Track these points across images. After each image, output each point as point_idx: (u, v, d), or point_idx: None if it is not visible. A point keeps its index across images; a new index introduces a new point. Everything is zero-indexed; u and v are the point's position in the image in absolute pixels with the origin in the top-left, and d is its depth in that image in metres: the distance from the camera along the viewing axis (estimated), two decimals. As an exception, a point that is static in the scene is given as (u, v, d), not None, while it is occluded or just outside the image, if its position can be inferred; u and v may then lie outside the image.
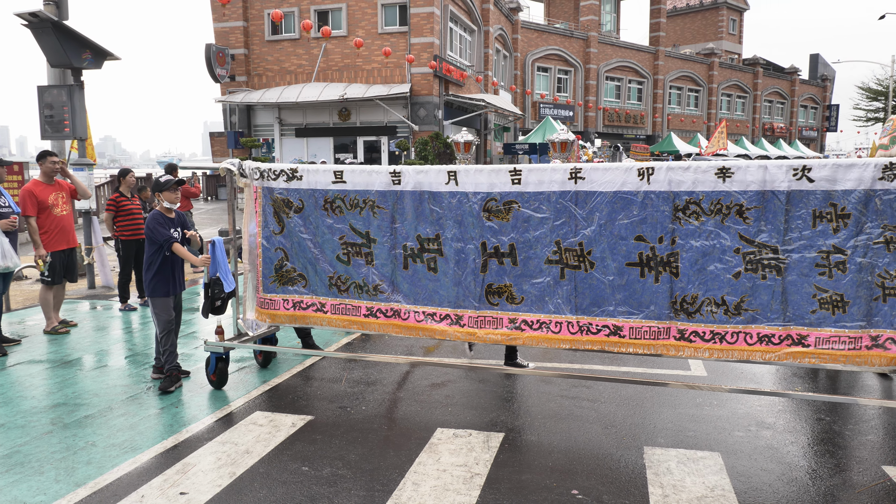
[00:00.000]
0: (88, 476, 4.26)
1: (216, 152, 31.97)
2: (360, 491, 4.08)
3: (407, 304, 5.38)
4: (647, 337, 4.80)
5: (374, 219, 5.39)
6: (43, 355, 7.00)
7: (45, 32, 9.50)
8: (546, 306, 5.00)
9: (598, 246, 4.81)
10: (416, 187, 5.21)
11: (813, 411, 5.41)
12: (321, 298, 5.67)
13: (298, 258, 5.68)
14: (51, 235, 7.78)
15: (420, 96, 27.05)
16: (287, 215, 5.64)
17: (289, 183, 5.60)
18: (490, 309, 5.15)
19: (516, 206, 4.97)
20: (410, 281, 5.35)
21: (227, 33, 28.81)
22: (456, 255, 5.16)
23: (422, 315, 5.34)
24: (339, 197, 5.47)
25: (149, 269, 5.82)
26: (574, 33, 45.01)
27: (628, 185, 4.70)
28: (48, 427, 5.07)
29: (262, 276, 5.86)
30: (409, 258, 5.34)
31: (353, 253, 5.50)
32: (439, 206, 5.17)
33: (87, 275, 10.72)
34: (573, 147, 17.21)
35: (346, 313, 5.60)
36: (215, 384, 5.93)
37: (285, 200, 5.63)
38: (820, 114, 66.95)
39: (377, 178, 5.34)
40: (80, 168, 10.44)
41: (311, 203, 5.56)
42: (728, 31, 63.38)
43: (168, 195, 5.89)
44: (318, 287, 5.66)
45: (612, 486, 4.16)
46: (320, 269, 5.62)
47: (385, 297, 5.44)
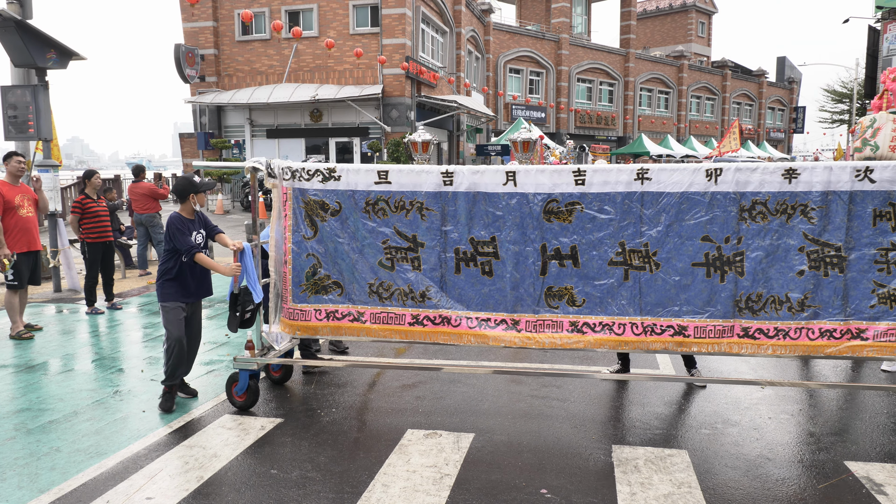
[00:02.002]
0: (52, 482, 4.19)
1: (186, 153, 31.59)
2: (330, 493, 4.07)
3: (458, 310, 5.13)
4: (711, 336, 4.83)
5: (422, 221, 5.09)
6: (7, 360, 6.87)
7: (8, 32, 9.35)
8: (609, 308, 4.93)
9: (664, 247, 4.81)
10: (471, 188, 4.98)
11: (778, 409, 5.50)
12: (359, 307, 5.29)
13: (333, 264, 5.29)
14: (14, 236, 7.64)
15: (392, 97, 27.01)
16: (321, 218, 5.25)
17: (325, 184, 5.20)
18: (550, 312, 5.01)
19: (579, 207, 4.87)
20: (463, 286, 5.11)
21: (197, 33, 28.51)
22: (513, 258, 4.99)
23: (475, 321, 5.10)
24: (383, 198, 5.13)
25: (164, 273, 5.42)
26: (546, 35, 45.26)
27: (695, 185, 4.72)
28: (11, 433, 4.97)
29: (290, 284, 5.40)
30: (461, 262, 5.09)
31: (397, 258, 5.18)
32: (496, 207, 4.97)
33: (52, 278, 10.54)
34: (536, 147, 16.71)
35: (387, 322, 5.25)
36: (243, 404, 5.41)
37: (320, 202, 5.23)
38: (787, 115, 68.04)
39: (427, 178, 5.05)
40: (45, 169, 10.28)
41: (350, 205, 5.18)
42: (697, 33, 64.16)
43: (201, 197, 5.54)
44: (356, 295, 5.28)
45: (581, 485, 4.19)
46: (359, 275, 5.25)
47: (434, 303, 5.15)
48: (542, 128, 40.51)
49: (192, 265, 5.44)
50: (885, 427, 5.12)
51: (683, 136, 53.06)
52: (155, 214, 12.32)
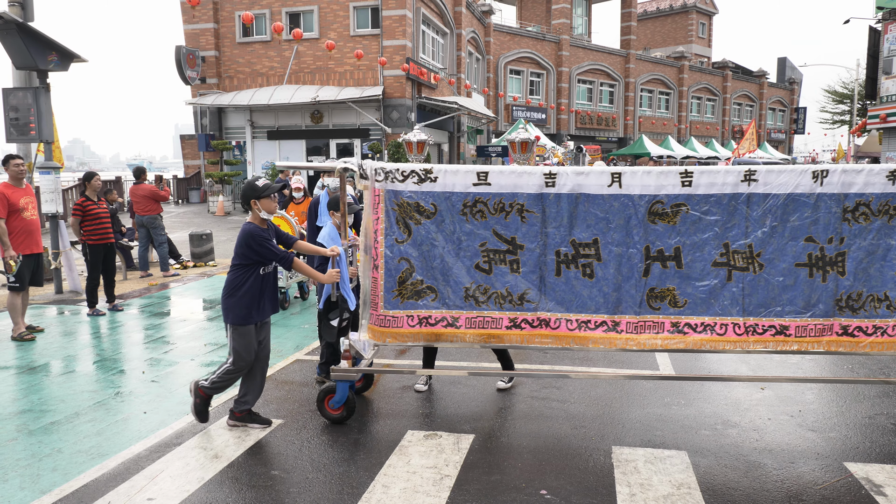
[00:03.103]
0: (54, 483, 4.21)
1: (187, 155, 31.65)
2: (330, 494, 4.09)
3: (558, 312, 5.04)
4: (812, 335, 4.87)
5: (522, 224, 4.98)
6: (9, 361, 6.89)
7: (9, 34, 9.37)
8: (711, 308, 4.93)
9: (768, 248, 4.83)
10: (574, 190, 4.89)
11: (777, 410, 5.52)
12: (454, 312, 5.12)
13: (428, 269, 5.09)
14: (20, 238, 7.68)
15: (393, 99, 27.03)
16: (416, 221, 5.04)
17: (420, 185, 5.00)
18: (651, 313, 4.98)
19: (685, 208, 4.85)
20: (563, 288, 5.02)
21: (198, 35, 28.55)
22: (616, 260, 4.94)
23: (574, 323, 5.03)
24: (481, 200, 4.98)
25: (234, 292, 4.92)
26: (546, 36, 45.29)
27: (801, 187, 4.74)
28: (13, 434, 4.99)
29: (382, 290, 5.15)
30: (561, 264, 5.00)
31: (495, 261, 5.05)
32: (599, 209, 4.89)
33: (54, 280, 10.57)
34: (534, 147, 16.50)
35: (483, 326, 5.11)
36: (338, 418, 5.17)
37: (415, 205, 5.02)
38: (788, 116, 68.04)
39: (528, 179, 4.93)
40: (46, 171, 10.30)
41: (447, 207, 5.00)
42: (698, 34, 64.18)
43: (266, 203, 4.94)
44: (450, 300, 5.11)
45: (581, 486, 4.21)
46: (454, 279, 5.08)
47: (532, 306, 5.05)
48: (542, 129, 40.55)
49: (266, 279, 5.04)
50: (885, 428, 5.13)
51: (684, 137, 53.06)
52: (156, 216, 12.34)
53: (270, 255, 4.87)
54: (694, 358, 6.88)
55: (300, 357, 7.00)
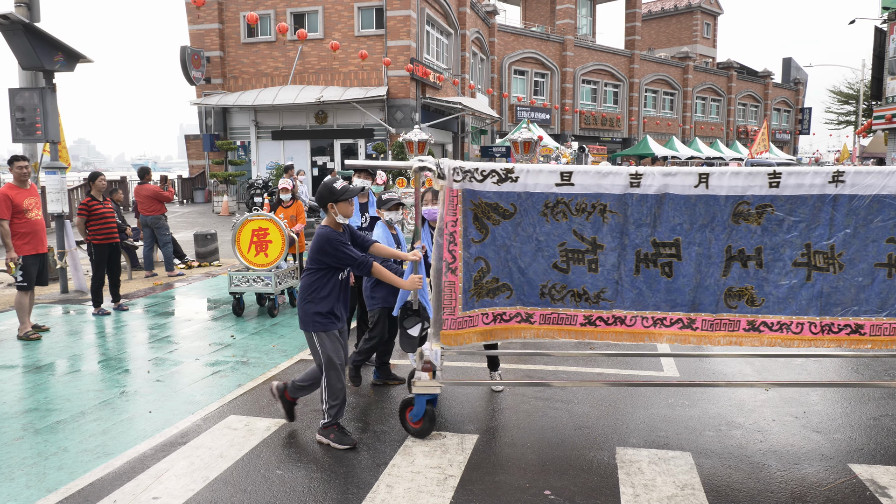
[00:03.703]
0: (60, 482, 4.23)
1: (191, 155, 31.74)
2: (335, 494, 4.10)
3: (634, 310, 5.01)
4: (886, 333, 4.84)
5: (603, 224, 4.89)
6: (15, 360, 6.92)
7: (16, 35, 9.40)
8: (789, 308, 4.88)
9: (850, 248, 4.78)
10: (661, 190, 4.80)
11: (781, 411, 5.51)
12: (528, 309, 5.08)
13: (503, 268, 5.00)
14: (26, 239, 7.72)
15: (397, 99, 27.06)
16: (494, 222, 4.92)
17: (500, 185, 4.86)
18: (728, 312, 4.93)
19: (770, 209, 4.77)
20: (640, 286, 4.97)
21: (203, 35, 28.62)
22: (696, 260, 4.87)
23: (650, 321, 5.00)
24: (563, 200, 4.87)
25: (312, 297, 4.76)
26: (550, 37, 45.28)
27: (888, 188, 4.68)
28: (19, 433, 5.02)
29: (460, 292, 4.98)
30: (641, 263, 4.93)
31: (573, 260, 4.97)
32: (684, 210, 4.82)
33: (59, 279, 10.61)
34: (537, 148, 16.27)
35: (558, 323, 5.07)
36: (419, 431, 4.96)
37: (493, 205, 4.89)
38: (793, 117, 67.92)
39: (613, 179, 4.82)
40: (52, 171, 10.33)
41: (527, 207, 4.88)
42: (702, 34, 64.12)
43: (344, 207, 4.74)
44: (526, 297, 5.05)
45: (585, 487, 4.21)
46: (530, 277, 5.00)
47: (609, 304, 5.00)
48: (546, 129, 40.52)
49: (343, 284, 4.89)
50: (890, 430, 5.12)
51: (688, 137, 53.01)
52: (160, 216, 12.37)
53: (348, 261, 4.69)
54: (699, 360, 6.87)
55: (305, 357, 7.02)
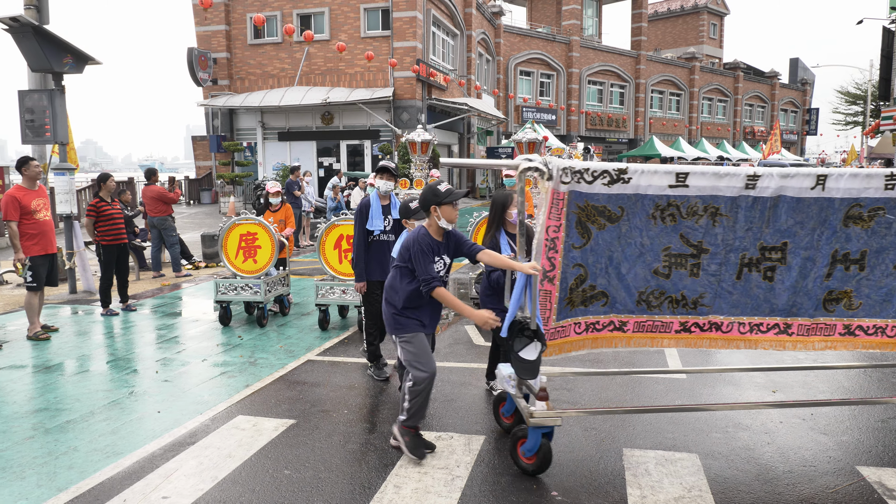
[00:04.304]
0: (70, 481, 4.26)
1: (198, 156, 31.83)
2: (343, 494, 4.12)
3: (731, 315, 4.83)
4: None
5: (712, 228, 4.64)
6: (24, 360, 6.97)
7: (25, 37, 9.47)
8: (885, 311, 4.80)
9: None
10: (776, 192, 4.55)
11: (789, 413, 5.51)
12: (622, 316, 4.82)
13: (602, 274, 4.69)
14: (35, 240, 7.77)
15: (403, 100, 27.10)
16: (599, 226, 4.58)
17: (610, 187, 4.50)
18: (825, 316, 4.82)
19: (882, 212, 4.60)
20: (740, 292, 4.77)
21: (210, 37, 28.72)
22: (801, 264, 4.69)
23: (746, 326, 4.84)
24: (675, 203, 4.58)
25: (410, 299, 4.56)
26: (556, 37, 45.27)
27: None
28: (30, 432, 5.06)
29: (556, 302, 4.68)
30: (744, 268, 4.73)
31: (676, 265, 4.72)
32: (796, 212, 4.60)
33: (68, 279, 10.67)
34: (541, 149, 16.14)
35: (651, 330, 4.87)
36: (533, 468, 4.41)
37: (601, 208, 4.54)
38: (800, 117, 67.73)
39: (728, 181, 4.55)
40: (61, 173, 10.40)
41: (635, 210, 4.56)
42: (709, 35, 64.00)
43: (448, 211, 4.45)
44: (621, 304, 4.79)
45: (591, 488, 4.22)
46: (629, 283, 4.74)
47: (706, 310, 4.80)
48: (552, 130, 40.54)
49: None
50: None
51: (695, 138, 52.92)
52: (166, 217, 12.44)
53: (419, 270, 4.42)
54: (704, 361, 6.87)
55: (312, 357, 7.05)
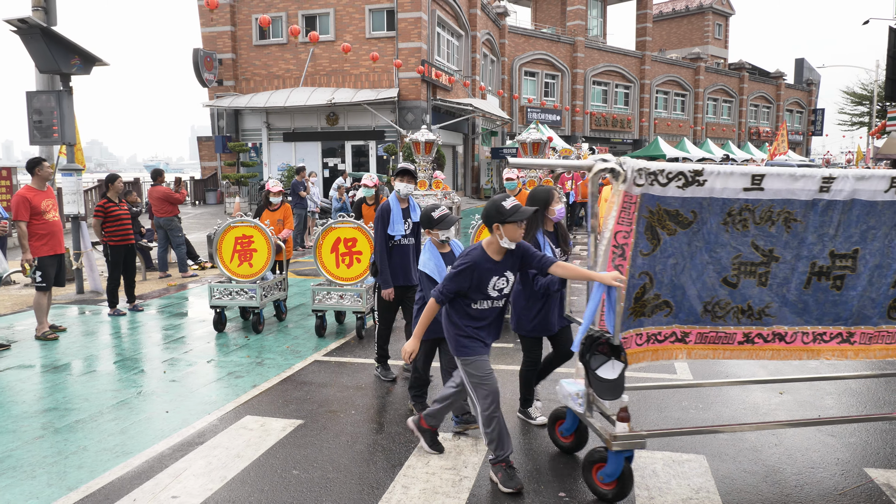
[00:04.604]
0: (80, 480, 4.29)
1: (204, 156, 31.92)
2: (351, 494, 4.13)
3: (796, 326, 4.60)
4: None
5: (784, 234, 4.38)
6: (33, 360, 7.01)
7: (33, 38, 9.51)
8: None
9: None
10: (850, 196, 4.32)
11: (796, 415, 5.51)
12: (685, 327, 4.52)
13: (668, 283, 4.39)
14: (44, 240, 7.82)
15: (408, 101, 27.13)
16: (668, 231, 4.27)
17: (684, 189, 4.21)
18: (888, 324, 4.64)
19: None
20: (807, 301, 4.54)
21: (215, 38, 28.79)
22: (870, 272, 4.49)
23: (810, 336, 4.60)
24: (748, 208, 4.31)
25: (448, 314, 4.32)
26: (561, 38, 45.25)
27: None
28: (39, 432, 5.09)
29: (621, 311, 4.29)
30: (812, 276, 4.48)
31: (745, 273, 4.46)
32: (869, 217, 4.39)
33: (75, 280, 10.71)
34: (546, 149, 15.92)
35: (714, 342, 4.58)
36: (613, 494, 4.09)
37: (674, 212, 4.24)
38: (805, 118, 67.57)
39: (804, 184, 4.29)
40: (69, 173, 10.44)
41: (708, 215, 4.28)
42: (714, 35, 63.89)
43: (511, 230, 4.04)
44: (684, 315, 4.49)
45: (599, 488, 4.23)
46: (694, 293, 4.45)
47: (772, 320, 4.56)
48: (557, 131, 40.53)
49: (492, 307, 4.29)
50: (905, 433, 5.11)
51: (700, 138, 52.84)
52: (172, 218, 12.48)
53: (443, 283, 4.16)
54: (712, 363, 6.87)
55: (319, 358, 7.07)
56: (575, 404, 4.45)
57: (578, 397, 4.42)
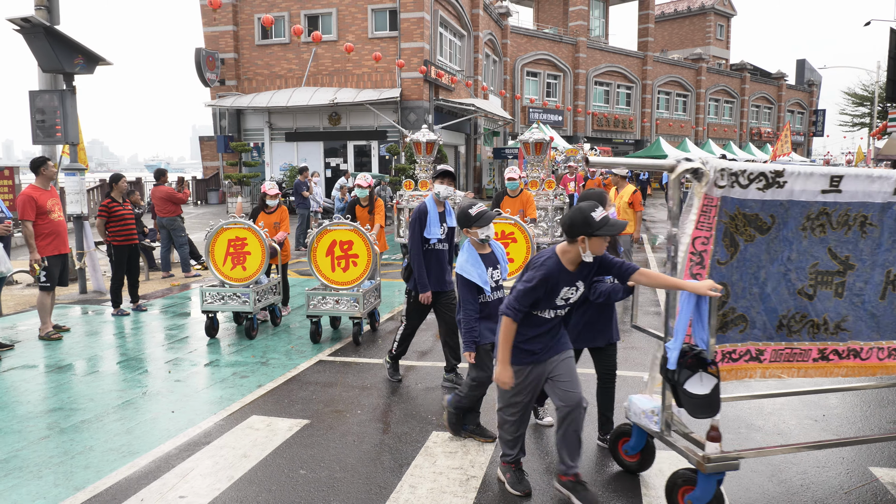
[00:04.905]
0: (87, 480, 4.29)
1: (206, 156, 31.92)
2: (359, 494, 4.13)
3: (871, 340, 4.33)
4: None
5: (861, 240, 4.14)
6: (37, 360, 7.01)
7: (37, 38, 9.51)
8: None
9: None
10: None
11: (802, 414, 5.50)
12: (760, 344, 4.19)
13: (743, 295, 4.09)
14: (49, 240, 7.83)
15: (410, 101, 27.13)
16: (747, 238, 4.00)
17: (764, 192, 3.94)
18: None
19: None
20: (883, 313, 4.29)
21: (217, 37, 28.81)
22: None
23: (885, 351, 4.35)
24: (826, 211, 4.05)
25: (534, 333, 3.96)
26: (563, 38, 45.26)
27: None
28: (45, 432, 5.09)
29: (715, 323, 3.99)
30: (888, 286, 4.24)
31: (821, 283, 4.19)
32: None
33: (78, 279, 10.71)
34: (548, 149, 15.75)
35: (789, 359, 4.27)
36: None
37: (753, 217, 3.97)
38: (807, 119, 67.55)
39: (880, 185, 4.05)
40: (72, 173, 10.45)
41: (785, 219, 4.02)
42: (716, 36, 63.88)
43: (597, 244, 3.71)
44: (760, 330, 4.17)
45: (607, 488, 4.23)
46: (772, 306, 4.15)
47: (847, 335, 4.28)
48: (559, 131, 40.52)
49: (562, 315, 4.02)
50: (911, 433, 5.10)
51: (701, 139, 52.84)
52: (175, 218, 12.48)
53: (515, 295, 3.79)
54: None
55: (323, 358, 7.07)
56: (650, 423, 4.15)
57: (654, 415, 4.13)
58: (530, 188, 12.85)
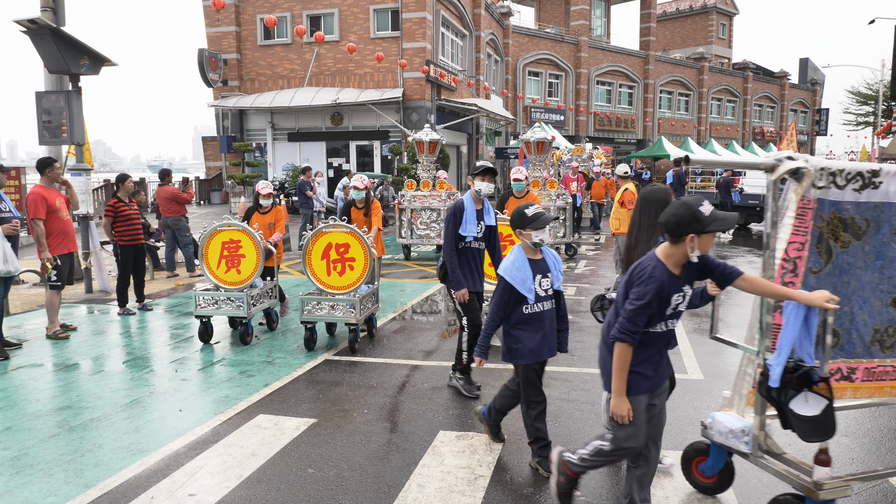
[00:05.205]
0: (97, 478, 4.31)
1: (209, 156, 31.96)
2: (367, 493, 4.15)
3: None
4: None
5: None
6: (45, 359, 7.04)
7: (43, 39, 9.55)
8: None
9: None
10: None
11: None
12: (852, 362, 3.87)
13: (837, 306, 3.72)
14: (58, 239, 7.88)
15: (412, 101, 27.15)
16: (842, 244, 3.73)
17: (860, 193, 3.67)
18: None
19: None
20: None
21: (220, 38, 28.85)
22: None
23: None
24: None
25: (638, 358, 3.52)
26: (565, 38, 45.24)
27: None
28: (54, 430, 5.11)
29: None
30: None
31: None
32: None
33: (84, 279, 10.75)
34: (550, 149, 15.52)
35: (881, 378, 3.94)
36: None
37: (848, 220, 3.70)
38: (810, 118, 67.46)
39: None
40: (77, 173, 10.49)
41: (880, 223, 3.75)
42: (718, 35, 63.83)
43: (706, 241, 3.29)
44: (850, 346, 3.85)
45: (615, 487, 4.24)
46: (864, 319, 3.83)
47: None
48: (560, 131, 40.50)
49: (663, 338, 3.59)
50: (917, 432, 5.11)
51: (704, 138, 52.79)
52: (180, 217, 12.52)
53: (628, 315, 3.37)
54: (719, 359, 6.88)
55: (329, 357, 7.09)
56: (739, 443, 3.85)
57: (744, 434, 3.82)
58: (532, 188, 12.84)
